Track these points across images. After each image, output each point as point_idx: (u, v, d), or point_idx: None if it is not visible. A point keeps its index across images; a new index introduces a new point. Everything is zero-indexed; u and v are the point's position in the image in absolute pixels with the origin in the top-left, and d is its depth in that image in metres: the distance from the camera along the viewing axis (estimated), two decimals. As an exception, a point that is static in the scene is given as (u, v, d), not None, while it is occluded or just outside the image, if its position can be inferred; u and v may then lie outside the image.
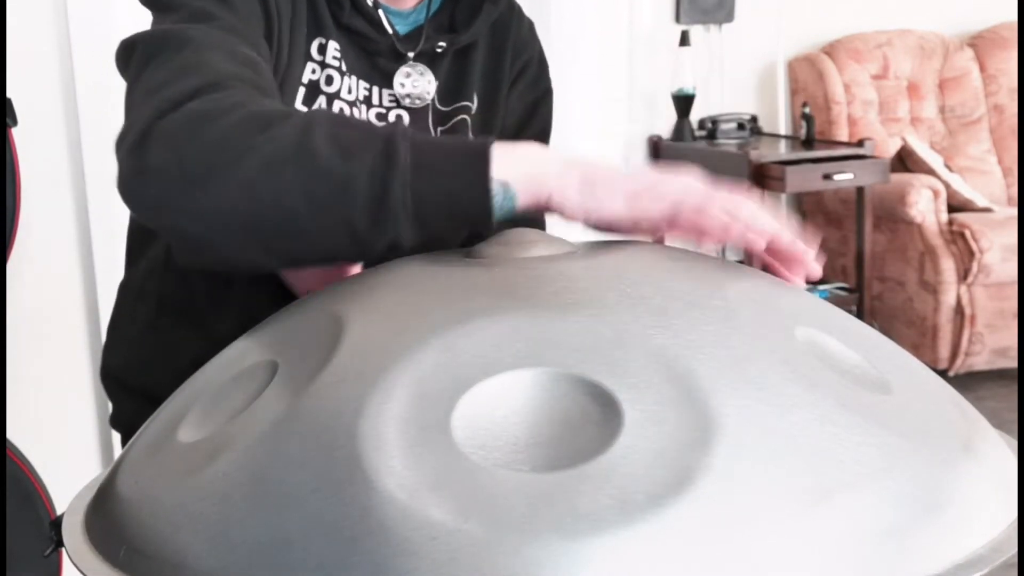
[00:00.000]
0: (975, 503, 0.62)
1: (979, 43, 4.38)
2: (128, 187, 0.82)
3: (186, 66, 0.84)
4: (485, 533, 0.54)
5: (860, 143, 3.80)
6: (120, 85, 0.90)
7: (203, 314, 1.07)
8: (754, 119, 4.11)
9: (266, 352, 0.73)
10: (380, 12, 1.06)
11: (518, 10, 1.17)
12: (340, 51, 1.04)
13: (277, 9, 0.97)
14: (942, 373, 3.70)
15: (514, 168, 0.78)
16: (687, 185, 0.80)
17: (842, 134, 4.13)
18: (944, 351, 3.76)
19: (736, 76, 4.19)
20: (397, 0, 1.08)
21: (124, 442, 1.17)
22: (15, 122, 1.94)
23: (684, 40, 3.94)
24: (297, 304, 0.81)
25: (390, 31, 1.06)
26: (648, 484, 0.55)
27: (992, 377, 3.81)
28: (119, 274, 1.19)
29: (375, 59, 1.07)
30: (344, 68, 1.05)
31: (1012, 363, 3.77)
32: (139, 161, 0.80)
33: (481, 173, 0.77)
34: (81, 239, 2.44)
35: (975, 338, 3.74)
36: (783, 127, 4.27)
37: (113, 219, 2.41)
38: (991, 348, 3.77)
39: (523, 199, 0.79)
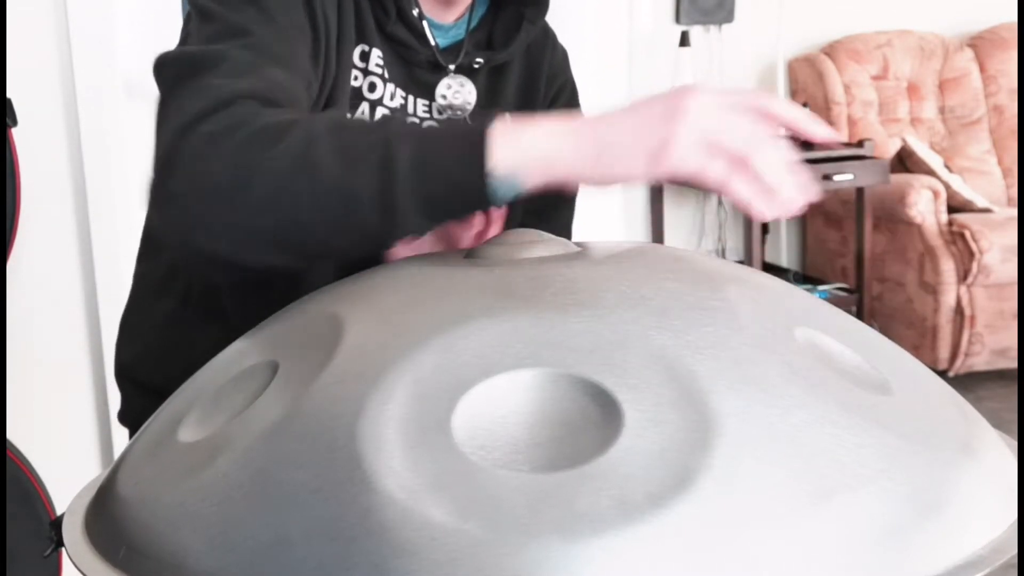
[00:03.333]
0: (975, 504, 0.62)
1: (979, 44, 4.38)
2: (161, 216, 0.88)
3: (202, 88, 0.87)
4: (485, 534, 0.54)
5: (860, 144, 3.80)
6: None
7: (227, 311, 1.07)
8: (754, 119, 4.10)
9: (266, 352, 0.73)
10: (424, 23, 1.07)
11: (553, 37, 1.20)
12: (383, 59, 1.06)
13: (325, 22, 0.99)
14: (942, 374, 3.70)
15: (520, 152, 0.79)
16: (708, 144, 0.77)
17: (842, 135, 4.13)
18: (944, 352, 3.76)
19: (736, 77, 4.18)
20: (440, 13, 1.10)
21: (132, 437, 1.17)
22: (15, 122, 1.94)
23: (684, 41, 3.94)
24: (297, 304, 0.81)
25: (432, 43, 1.08)
26: (648, 484, 0.55)
27: (992, 378, 3.81)
28: (119, 274, 1.19)
29: (413, 69, 1.09)
30: (387, 76, 1.07)
31: (1012, 363, 3.77)
32: (164, 190, 0.85)
33: (479, 165, 0.78)
34: (81, 239, 2.43)
35: (975, 339, 3.74)
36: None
37: (113, 219, 2.42)
38: (991, 349, 3.76)
39: (531, 182, 0.79)
